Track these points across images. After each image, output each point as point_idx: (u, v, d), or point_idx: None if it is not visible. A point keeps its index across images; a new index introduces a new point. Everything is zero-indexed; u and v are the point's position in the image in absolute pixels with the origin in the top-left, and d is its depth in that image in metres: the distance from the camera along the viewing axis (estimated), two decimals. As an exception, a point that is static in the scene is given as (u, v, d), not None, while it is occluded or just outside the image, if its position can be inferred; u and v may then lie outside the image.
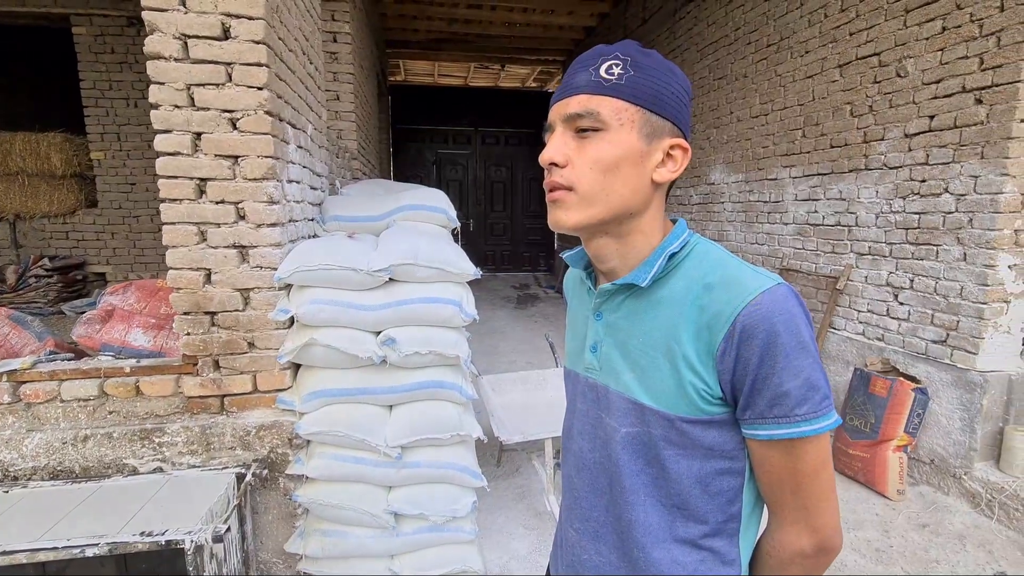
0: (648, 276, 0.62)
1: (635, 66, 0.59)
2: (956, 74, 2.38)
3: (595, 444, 0.68)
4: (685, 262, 0.63)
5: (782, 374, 0.54)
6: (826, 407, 0.56)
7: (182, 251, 1.68)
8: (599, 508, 0.68)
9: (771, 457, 0.58)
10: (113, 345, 1.86)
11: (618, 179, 0.60)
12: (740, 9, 3.86)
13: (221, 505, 1.56)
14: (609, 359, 0.66)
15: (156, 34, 1.57)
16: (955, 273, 2.44)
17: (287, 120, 1.86)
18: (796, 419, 0.55)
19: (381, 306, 1.77)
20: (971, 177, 2.34)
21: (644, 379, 0.62)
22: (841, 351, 3.07)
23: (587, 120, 0.59)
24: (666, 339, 0.60)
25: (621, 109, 0.59)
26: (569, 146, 0.61)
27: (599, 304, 0.68)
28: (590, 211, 0.60)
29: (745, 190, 3.90)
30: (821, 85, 3.14)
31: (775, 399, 0.55)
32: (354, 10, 3.94)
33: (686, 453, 0.61)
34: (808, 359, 0.55)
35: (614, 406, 0.65)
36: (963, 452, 2.42)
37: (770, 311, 0.54)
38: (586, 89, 0.59)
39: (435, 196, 2.25)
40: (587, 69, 0.60)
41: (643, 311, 0.63)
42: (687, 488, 0.61)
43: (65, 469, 1.68)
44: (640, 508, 0.63)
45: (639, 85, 0.59)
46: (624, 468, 0.64)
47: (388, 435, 1.75)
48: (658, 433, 0.61)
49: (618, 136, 0.59)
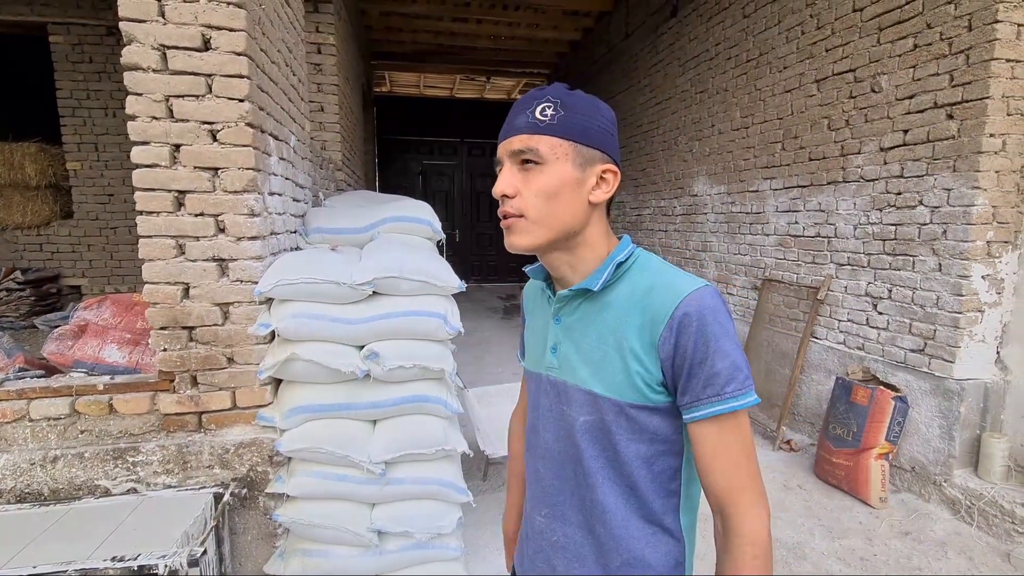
0: (599, 281, 0.72)
1: (564, 106, 0.69)
2: (928, 90, 2.45)
3: (559, 435, 0.77)
4: (630, 270, 0.74)
5: (713, 356, 0.65)
6: (748, 385, 0.67)
7: (159, 265, 1.65)
8: (564, 492, 0.77)
9: (711, 437, 0.67)
10: (86, 362, 1.80)
11: (559, 204, 0.70)
12: (720, 25, 3.95)
13: (197, 527, 1.51)
14: (567, 357, 0.76)
15: (134, 45, 1.54)
16: (931, 283, 2.49)
17: (269, 132, 1.84)
18: (726, 396, 0.65)
19: (364, 320, 1.75)
20: (944, 190, 2.41)
21: (597, 372, 0.72)
22: (823, 360, 3.11)
23: (528, 155, 0.69)
24: (616, 335, 0.71)
25: (556, 145, 0.69)
26: (516, 178, 0.70)
27: (558, 309, 0.78)
28: (538, 233, 0.71)
29: (727, 201, 3.96)
30: (799, 99, 3.21)
31: (708, 379, 0.65)
32: (339, 22, 3.94)
33: (634, 437, 0.71)
34: (731, 344, 0.66)
35: (573, 398, 0.75)
36: (943, 459, 2.45)
37: (700, 305, 0.66)
38: (525, 129, 0.69)
39: (420, 208, 2.24)
40: (525, 112, 0.70)
41: (595, 313, 0.74)
42: (635, 469, 0.72)
43: (33, 492, 1.61)
44: (600, 488, 0.73)
45: (569, 123, 0.69)
46: (585, 452, 0.74)
47: (372, 451, 1.72)
48: (610, 419, 0.71)
49: (555, 168, 0.69)
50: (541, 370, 0.81)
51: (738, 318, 3.90)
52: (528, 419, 0.86)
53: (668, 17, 4.66)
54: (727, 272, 4.02)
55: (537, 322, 0.86)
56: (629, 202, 5.61)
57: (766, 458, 3.03)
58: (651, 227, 5.15)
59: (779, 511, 2.50)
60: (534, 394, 0.83)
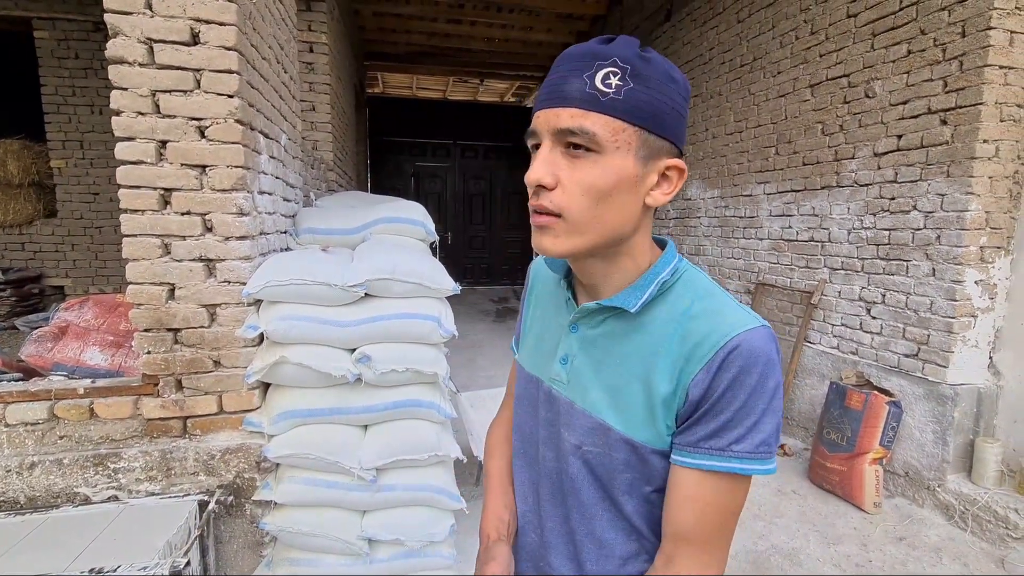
0: (638, 302, 0.60)
1: (635, 76, 0.53)
2: (922, 96, 2.46)
3: (556, 455, 0.68)
4: (672, 289, 0.61)
5: (739, 410, 0.54)
6: (763, 452, 0.55)
7: (144, 264, 1.59)
8: (555, 519, 0.69)
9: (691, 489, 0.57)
10: (66, 364, 1.74)
11: (611, 207, 0.56)
12: (714, 30, 3.96)
13: (181, 536, 1.45)
14: (579, 374, 0.65)
15: (120, 38, 1.49)
16: (925, 288, 2.50)
17: (259, 129, 1.79)
18: (730, 454, 0.55)
19: (356, 322, 1.71)
20: (938, 195, 2.41)
21: (615, 401, 0.61)
22: (816, 365, 3.11)
23: (580, 138, 0.54)
24: (644, 364, 0.59)
25: (619, 130, 0.54)
26: (558, 165, 0.55)
27: (577, 318, 0.66)
28: (579, 240, 0.57)
29: (721, 205, 3.96)
30: (793, 104, 3.22)
31: (719, 430, 0.55)
32: (332, 21, 3.89)
33: (641, 478, 0.61)
34: (765, 403, 0.55)
35: (576, 423, 0.64)
36: (936, 464, 2.45)
37: (750, 349, 0.54)
38: (579, 102, 0.53)
39: (413, 209, 2.21)
40: (580, 76, 0.54)
41: (624, 334, 0.62)
42: (635, 509, 0.62)
43: (8, 500, 1.55)
44: (597, 523, 0.64)
45: (639, 101, 0.54)
46: (581, 484, 0.64)
47: (362, 457, 1.68)
48: (620, 457, 0.61)
49: (613, 161, 0.54)
50: (544, 377, 0.70)
51: (731, 322, 3.90)
52: (525, 425, 0.74)
53: (662, 21, 4.67)
54: (720, 276, 4.02)
55: (546, 317, 0.74)
56: (622, 205, 5.60)
57: (760, 463, 3.02)
58: (644, 230, 5.14)
59: (774, 516, 2.48)
60: (533, 400, 0.72)
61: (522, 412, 0.75)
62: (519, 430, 0.76)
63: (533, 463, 0.72)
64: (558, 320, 0.70)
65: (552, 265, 0.72)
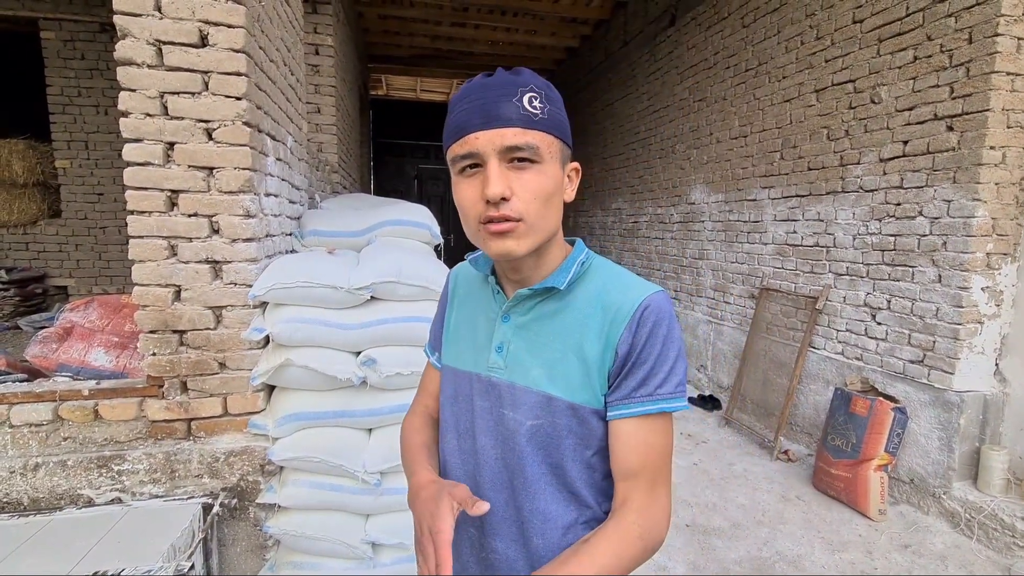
0: (566, 280, 0.70)
1: (548, 100, 0.65)
2: (928, 102, 2.46)
3: (496, 440, 0.73)
4: (588, 272, 0.73)
5: (657, 359, 0.65)
6: (680, 391, 0.67)
7: (150, 266, 1.59)
8: (498, 503, 0.72)
9: (634, 436, 0.66)
10: (71, 365, 1.74)
11: (553, 206, 0.67)
12: (719, 35, 3.96)
13: (185, 539, 1.45)
14: (518, 357, 0.72)
15: (129, 39, 1.50)
16: (930, 294, 2.49)
17: (266, 132, 1.79)
18: (657, 397, 0.66)
19: (361, 325, 1.71)
20: (944, 201, 2.41)
21: (553, 373, 0.69)
22: (821, 370, 3.10)
23: (526, 152, 0.63)
24: (575, 336, 0.69)
25: (550, 143, 0.65)
26: (508, 178, 0.63)
27: (509, 307, 0.73)
28: (535, 238, 0.66)
29: (725, 210, 3.96)
30: (798, 109, 3.22)
31: (644, 379, 0.65)
32: (337, 24, 3.90)
33: (582, 442, 0.69)
34: (676, 350, 0.67)
35: (520, 400, 0.70)
36: (942, 471, 2.44)
37: (657, 308, 0.67)
38: (518, 122, 0.62)
39: (418, 211, 2.21)
40: (510, 100, 0.63)
41: (554, 313, 0.71)
42: (578, 475, 0.70)
43: (12, 501, 1.55)
44: (541, 497, 0.70)
45: (556, 119, 0.66)
46: (527, 459, 0.70)
47: (367, 460, 1.67)
48: (562, 423, 0.68)
49: (550, 168, 0.65)
50: (479, 370, 0.75)
51: (735, 327, 3.89)
52: (461, 422, 0.77)
53: (667, 26, 4.67)
54: (724, 280, 4.01)
55: (472, 315, 0.80)
56: (625, 209, 5.60)
57: (764, 468, 3.01)
58: (647, 234, 5.14)
59: (778, 523, 2.47)
60: (466, 394, 0.76)
61: (455, 410, 0.79)
62: (453, 429, 0.79)
63: (470, 456, 0.76)
64: (486, 315, 0.77)
65: (477, 264, 0.80)
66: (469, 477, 0.76)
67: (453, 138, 0.66)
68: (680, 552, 2.23)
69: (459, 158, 0.65)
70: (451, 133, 0.66)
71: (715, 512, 2.55)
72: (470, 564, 0.77)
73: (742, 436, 3.48)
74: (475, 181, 0.64)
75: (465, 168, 0.65)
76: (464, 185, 0.66)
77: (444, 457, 0.81)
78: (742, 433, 3.51)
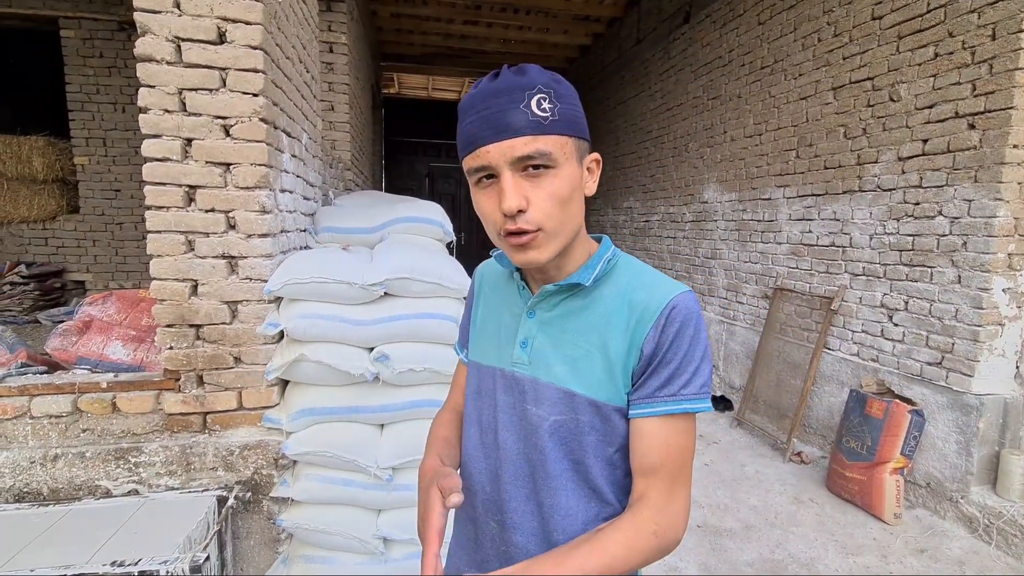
0: (591, 276, 0.70)
1: (559, 97, 0.63)
2: (949, 99, 2.41)
3: (519, 435, 0.73)
4: (614, 270, 0.72)
5: (683, 359, 0.65)
6: (705, 392, 0.66)
7: (168, 261, 1.61)
8: (518, 498, 0.73)
9: (655, 435, 0.65)
10: (90, 358, 1.77)
11: (572, 208, 0.65)
12: (734, 32, 3.92)
13: (200, 531, 1.46)
14: (542, 353, 0.72)
15: (148, 36, 1.51)
16: (950, 296, 2.44)
17: (282, 128, 1.81)
18: (681, 397, 0.65)
19: (375, 321, 1.71)
20: (965, 201, 2.36)
21: (576, 370, 0.69)
22: (835, 371, 3.06)
23: (539, 160, 0.61)
24: (600, 333, 0.68)
25: (563, 144, 0.63)
26: (523, 188, 0.62)
27: (535, 303, 0.73)
28: (557, 243, 0.66)
29: (739, 209, 3.92)
30: (815, 107, 3.17)
31: (669, 378, 0.65)
32: (351, 21, 3.92)
33: (604, 439, 0.68)
34: (702, 351, 0.66)
35: (543, 396, 0.70)
36: (960, 475, 2.40)
37: (686, 308, 0.66)
38: (527, 130, 0.61)
39: (431, 208, 2.21)
40: (517, 107, 0.61)
41: (579, 310, 0.71)
42: (600, 472, 0.69)
43: (32, 491, 1.57)
44: (562, 493, 0.70)
45: (568, 116, 0.63)
46: (549, 455, 0.70)
47: (379, 456, 1.68)
48: (585, 420, 0.68)
49: (566, 170, 0.64)
50: (503, 365, 0.75)
51: (747, 327, 3.85)
52: (483, 417, 0.78)
53: (681, 23, 4.63)
54: (737, 280, 3.97)
55: (497, 311, 0.80)
56: (637, 208, 5.57)
57: (777, 470, 2.98)
58: (659, 233, 5.11)
59: (791, 525, 2.44)
60: (490, 390, 0.77)
61: (479, 405, 0.79)
62: (476, 424, 0.79)
63: (492, 450, 0.76)
64: (512, 310, 0.77)
65: (502, 260, 0.79)
66: (491, 472, 0.76)
67: (466, 151, 0.65)
68: (692, 553, 2.22)
69: (473, 171, 0.65)
70: (463, 145, 0.65)
71: (727, 513, 2.53)
72: (491, 558, 0.77)
73: (754, 437, 3.44)
74: (492, 192, 0.64)
75: (481, 179, 0.65)
76: (482, 197, 0.66)
77: (467, 451, 0.81)
78: (754, 434, 3.47)
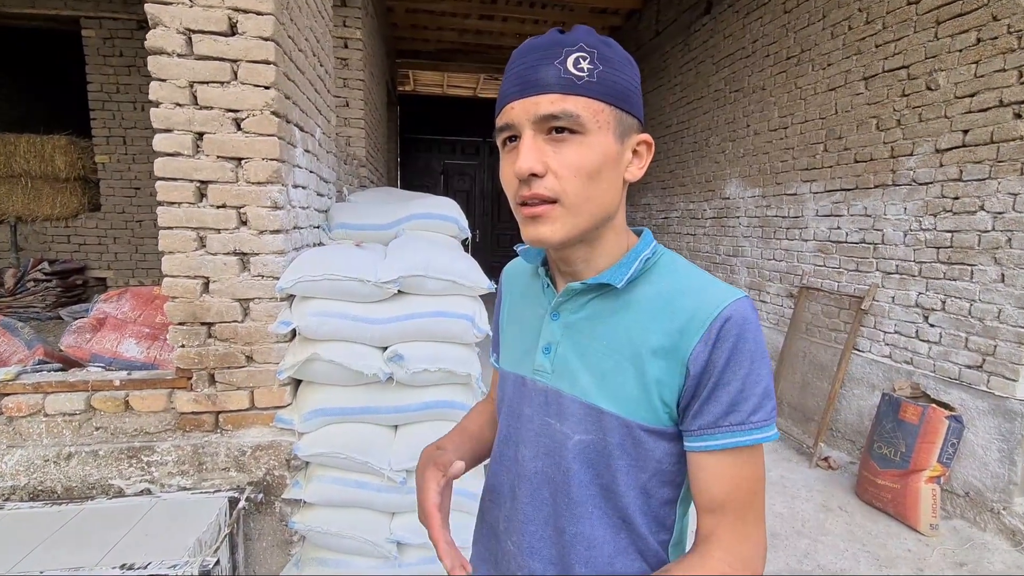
0: (624, 277, 0.60)
1: (602, 59, 0.55)
2: (992, 87, 2.28)
3: (538, 452, 0.65)
4: (654, 269, 0.63)
5: (746, 379, 0.55)
6: (774, 417, 0.57)
7: (179, 257, 1.58)
8: (536, 522, 0.65)
9: (721, 469, 0.57)
10: (104, 356, 1.76)
11: (600, 185, 0.57)
12: (758, 22, 3.79)
13: (211, 533, 1.43)
14: (565, 361, 0.64)
15: (159, 28, 1.48)
16: (992, 295, 2.31)
17: (294, 122, 1.77)
18: (750, 426, 0.55)
19: (389, 320, 1.67)
20: (1010, 195, 2.23)
21: (604, 384, 0.60)
22: (866, 374, 2.93)
23: (564, 121, 0.54)
24: (633, 343, 0.59)
25: (598, 111, 0.55)
26: (544, 152, 0.55)
27: (559, 304, 0.65)
28: (576, 222, 0.57)
29: (762, 205, 3.80)
30: (845, 98, 3.04)
31: (734, 404, 0.55)
32: (366, 16, 3.89)
33: (637, 464, 0.60)
34: (766, 368, 0.56)
35: (567, 411, 0.62)
36: (1002, 485, 2.27)
37: (742, 318, 0.55)
38: (557, 87, 0.54)
39: (445, 204, 2.16)
40: (551, 63, 0.54)
41: (610, 314, 0.62)
42: (632, 500, 0.61)
43: (46, 489, 1.56)
44: (587, 521, 0.62)
45: (610, 82, 0.55)
46: (574, 478, 0.62)
47: (392, 458, 1.63)
48: (615, 441, 0.60)
49: (597, 139, 0.55)
50: (525, 372, 0.68)
51: (771, 326, 3.73)
52: (501, 425, 0.73)
53: (702, 14, 4.51)
54: (760, 279, 3.85)
55: (522, 313, 0.73)
56: (656, 204, 5.46)
57: (803, 476, 2.87)
58: (679, 230, 4.99)
59: (819, 534, 2.34)
60: (513, 400, 0.70)
61: (504, 415, 0.73)
62: (500, 435, 0.74)
63: (512, 464, 0.69)
64: (536, 312, 0.69)
65: (527, 255, 0.72)
66: (508, 488, 0.70)
67: (497, 110, 0.59)
68: (715, 561, 2.13)
69: (498, 131, 0.59)
70: (497, 105, 0.60)
71: (751, 520, 2.44)
72: None
73: (778, 441, 3.33)
74: (513, 157, 0.57)
75: (506, 142, 0.59)
76: (504, 162, 0.59)
77: (493, 460, 0.75)
78: (779, 438, 3.36)
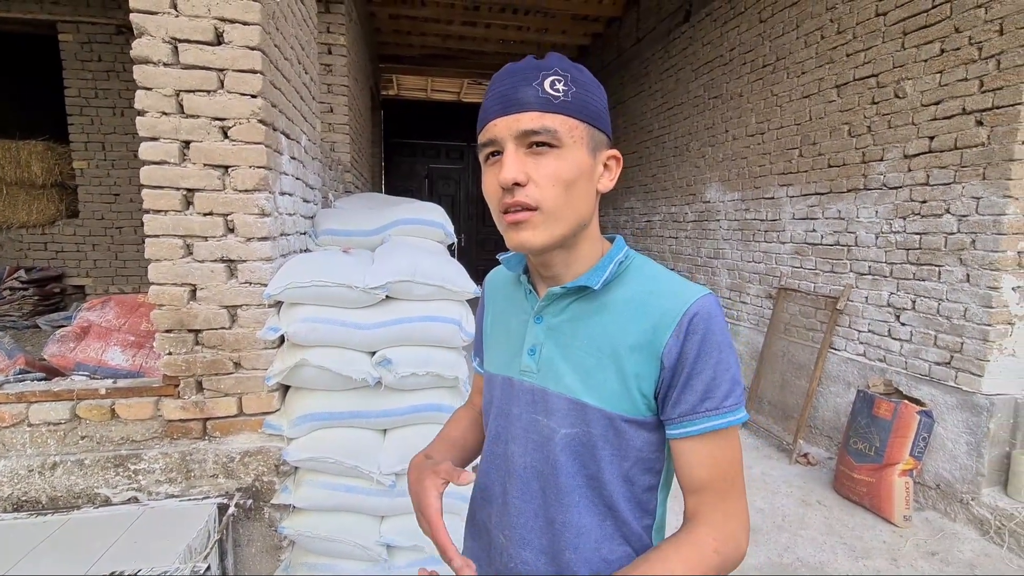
0: (600, 279, 0.66)
1: (575, 82, 0.62)
2: (956, 96, 2.38)
3: (527, 448, 0.70)
4: (627, 272, 0.68)
5: (716, 367, 0.61)
6: (743, 401, 0.63)
7: (166, 265, 1.59)
8: (526, 514, 0.69)
9: (701, 452, 0.62)
10: (88, 364, 1.74)
11: (577, 195, 0.62)
12: (735, 30, 3.89)
13: (200, 540, 1.44)
14: (550, 361, 0.68)
15: (145, 37, 1.49)
16: (958, 295, 2.41)
17: (281, 130, 1.78)
18: (724, 410, 0.61)
19: (377, 325, 1.69)
20: (973, 198, 2.33)
21: (587, 380, 0.65)
22: (841, 372, 3.03)
23: (543, 136, 0.60)
24: (612, 341, 0.64)
25: (573, 127, 0.61)
26: (525, 164, 0.61)
27: (542, 308, 0.70)
28: (555, 228, 0.62)
29: (741, 208, 3.89)
30: (818, 105, 3.15)
31: (707, 391, 0.61)
32: (349, 23, 3.90)
33: (619, 454, 0.65)
34: (733, 356, 0.63)
35: (554, 408, 0.67)
36: (970, 477, 2.37)
37: (708, 313, 0.62)
38: (536, 106, 0.60)
39: (431, 210, 2.19)
40: (530, 84, 0.61)
41: (589, 315, 0.67)
42: (616, 488, 0.66)
43: (30, 499, 1.55)
44: (575, 509, 0.66)
45: (583, 102, 0.62)
46: (561, 470, 0.66)
47: (382, 462, 1.65)
48: (598, 433, 0.65)
49: (572, 153, 0.61)
50: (512, 374, 0.73)
51: (752, 327, 3.82)
52: (491, 425, 0.77)
53: (681, 22, 4.61)
54: (740, 280, 3.94)
55: (507, 318, 0.78)
56: (638, 208, 5.55)
57: (783, 472, 2.95)
58: (661, 234, 5.08)
59: (798, 528, 2.41)
60: (502, 400, 0.74)
61: (495, 417, 0.76)
62: (490, 435, 0.77)
63: (501, 461, 0.73)
64: (519, 317, 0.74)
65: (509, 263, 0.77)
66: (499, 484, 0.73)
67: (479, 128, 0.65)
68: (699, 557, 2.19)
69: (482, 147, 0.64)
70: (478, 123, 0.65)
71: (734, 516, 2.50)
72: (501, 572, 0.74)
73: (759, 439, 3.41)
74: (496, 169, 0.63)
75: (488, 157, 0.64)
76: (487, 175, 0.64)
77: (483, 458, 0.79)
78: (759, 435, 3.44)
